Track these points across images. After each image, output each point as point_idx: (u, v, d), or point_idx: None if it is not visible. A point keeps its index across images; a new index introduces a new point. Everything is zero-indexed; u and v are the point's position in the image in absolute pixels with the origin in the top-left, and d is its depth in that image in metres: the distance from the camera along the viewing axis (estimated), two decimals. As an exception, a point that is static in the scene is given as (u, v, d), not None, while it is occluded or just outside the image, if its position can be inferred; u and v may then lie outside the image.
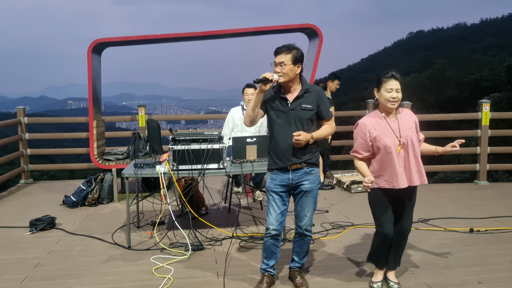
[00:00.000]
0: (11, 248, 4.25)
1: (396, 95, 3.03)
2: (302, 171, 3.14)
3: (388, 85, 3.04)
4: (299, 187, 3.17)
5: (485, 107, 6.88)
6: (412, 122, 3.15)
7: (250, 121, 3.13)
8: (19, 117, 7.19)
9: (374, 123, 3.09)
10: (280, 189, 3.18)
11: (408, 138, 3.05)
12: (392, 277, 3.34)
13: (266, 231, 3.22)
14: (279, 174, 3.16)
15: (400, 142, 3.04)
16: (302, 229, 3.25)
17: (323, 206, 5.61)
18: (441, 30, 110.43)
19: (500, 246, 4.16)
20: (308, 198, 3.19)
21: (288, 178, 3.15)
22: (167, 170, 4.10)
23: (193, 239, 4.32)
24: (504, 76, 18.62)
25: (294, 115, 3.09)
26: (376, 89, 3.12)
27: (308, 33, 6.29)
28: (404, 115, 3.17)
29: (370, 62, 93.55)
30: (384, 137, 3.04)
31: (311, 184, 3.16)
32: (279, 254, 3.34)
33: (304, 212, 3.21)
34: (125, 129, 37.88)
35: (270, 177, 3.21)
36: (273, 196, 3.19)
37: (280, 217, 3.19)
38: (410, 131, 3.08)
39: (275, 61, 3.07)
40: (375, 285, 3.30)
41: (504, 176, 12.07)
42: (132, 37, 6.02)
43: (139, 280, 3.48)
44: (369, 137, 3.08)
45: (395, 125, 3.09)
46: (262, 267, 3.35)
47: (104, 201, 5.87)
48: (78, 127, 40.43)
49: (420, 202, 5.77)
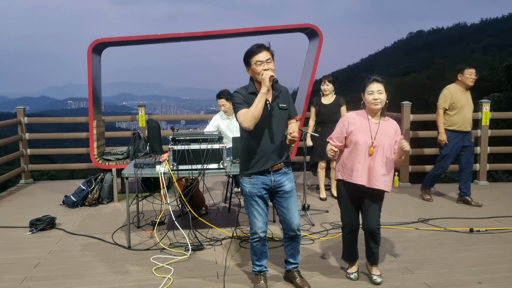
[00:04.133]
0: (11, 248, 4.25)
1: (378, 96, 3.22)
2: (281, 171, 3.16)
3: (369, 88, 3.25)
4: (281, 188, 3.17)
5: (485, 107, 6.88)
6: (392, 131, 3.30)
7: (253, 123, 2.98)
8: (19, 117, 7.19)
9: (355, 119, 3.33)
10: (263, 192, 3.15)
11: (381, 143, 3.22)
12: (374, 271, 3.47)
13: (253, 235, 3.18)
14: (259, 178, 3.12)
15: (372, 144, 3.22)
16: (294, 231, 3.22)
17: (323, 206, 5.61)
18: (441, 30, 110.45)
19: (500, 246, 4.16)
20: (292, 198, 3.20)
21: (270, 180, 3.12)
22: (167, 170, 4.10)
23: (193, 239, 4.32)
24: (504, 76, 18.61)
25: (274, 115, 3.07)
26: (362, 93, 3.33)
27: (308, 33, 6.29)
28: (388, 123, 3.33)
29: (370, 62, 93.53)
30: (358, 132, 3.26)
31: (291, 183, 3.20)
32: (268, 252, 3.35)
33: (292, 213, 3.20)
34: (125, 129, 37.90)
35: (250, 182, 3.13)
36: (256, 201, 3.14)
37: (266, 218, 3.20)
38: (386, 138, 3.25)
39: (260, 59, 2.96)
40: (352, 275, 3.50)
41: (504, 176, 12.07)
42: (132, 37, 6.02)
43: (139, 280, 3.48)
44: (346, 130, 3.31)
45: (374, 127, 3.28)
46: (256, 269, 3.33)
47: (104, 201, 5.87)
48: (78, 127, 40.42)
49: (420, 202, 5.83)
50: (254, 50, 3.00)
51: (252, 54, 3.01)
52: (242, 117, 3.00)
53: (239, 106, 3.06)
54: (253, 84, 3.10)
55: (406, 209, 5.46)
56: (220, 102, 5.45)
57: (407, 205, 5.68)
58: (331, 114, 5.69)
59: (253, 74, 3.07)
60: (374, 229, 3.31)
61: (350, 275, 3.51)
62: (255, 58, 3.00)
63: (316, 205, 5.61)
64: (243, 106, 3.04)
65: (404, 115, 6.64)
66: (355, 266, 3.54)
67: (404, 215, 5.19)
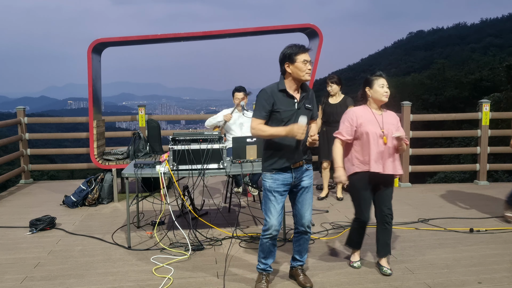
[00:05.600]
0: (11, 248, 4.25)
1: (387, 90, 3.45)
2: (302, 168, 3.22)
3: (379, 81, 3.44)
4: (300, 184, 3.23)
5: (485, 107, 6.88)
6: (395, 120, 3.55)
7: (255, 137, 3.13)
8: (19, 117, 7.20)
9: (362, 112, 3.50)
10: (283, 188, 3.19)
11: (389, 131, 3.43)
12: (384, 263, 3.57)
13: (265, 232, 3.20)
14: (281, 174, 3.16)
15: (383, 133, 3.41)
16: (304, 226, 3.28)
17: (323, 206, 5.61)
18: (441, 30, 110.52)
19: (500, 246, 4.16)
20: (308, 194, 3.27)
21: (291, 176, 3.17)
22: (167, 170, 4.10)
23: (193, 239, 4.32)
24: (504, 76, 18.62)
25: (300, 114, 3.10)
26: (368, 87, 3.48)
27: (308, 33, 6.30)
28: (389, 113, 3.56)
29: (370, 62, 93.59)
30: (368, 124, 3.43)
31: (309, 180, 3.27)
32: (276, 252, 3.36)
33: (305, 209, 3.26)
34: (125, 129, 37.90)
35: (272, 177, 3.17)
36: (275, 197, 3.17)
37: (280, 217, 3.21)
38: (391, 126, 3.48)
39: (307, 59, 3.02)
40: (356, 264, 3.65)
41: (504, 176, 12.08)
42: (132, 37, 6.02)
43: (139, 280, 3.48)
44: (355, 122, 3.45)
45: (380, 118, 3.48)
46: (260, 266, 3.34)
47: (104, 201, 5.87)
48: (78, 127, 40.45)
49: (420, 202, 5.83)
50: (303, 48, 3.05)
51: (299, 52, 3.04)
52: (254, 125, 3.09)
53: (257, 112, 3.10)
54: (283, 82, 3.12)
55: (406, 209, 5.46)
56: (239, 95, 5.59)
57: (407, 205, 5.69)
58: (335, 114, 5.62)
59: (295, 71, 3.06)
60: (389, 217, 3.50)
61: (354, 264, 3.66)
62: (303, 57, 3.03)
63: (316, 205, 5.61)
64: (261, 114, 3.08)
65: (404, 115, 6.63)
66: (358, 255, 3.71)
67: (404, 215, 5.19)
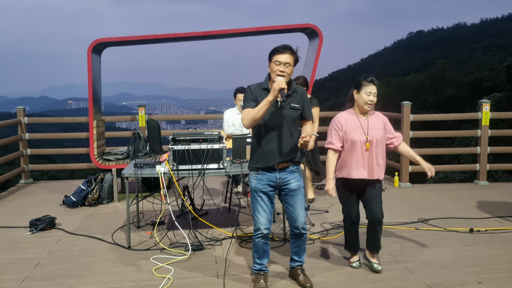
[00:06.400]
0: (11, 248, 4.25)
1: (373, 99, 3.38)
2: (288, 170, 3.20)
3: (368, 88, 3.37)
4: (287, 186, 3.21)
5: (485, 107, 6.88)
6: (380, 123, 3.50)
7: (251, 125, 3.08)
8: (19, 117, 7.20)
9: (346, 119, 3.48)
10: (269, 188, 3.19)
11: (374, 137, 3.42)
12: (374, 260, 3.65)
13: (256, 231, 3.20)
14: (265, 174, 3.16)
15: (367, 139, 3.39)
16: (298, 228, 3.26)
17: (323, 206, 5.61)
18: (441, 30, 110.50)
19: (500, 246, 4.16)
20: (298, 196, 3.24)
21: (276, 177, 3.17)
22: (167, 170, 4.10)
23: (193, 239, 4.32)
24: (504, 76, 18.62)
25: (284, 113, 3.11)
26: (356, 91, 3.44)
27: (308, 33, 6.30)
28: (375, 116, 3.52)
29: (370, 62, 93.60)
30: (353, 131, 3.42)
31: (297, 182, 3.24)
32: (269, 251, 3.36)
33: (297, 211, 3.24)
34: (125, 129, 37.88)
35: (256, 177, 3.18)
36: (261, 197, 3.17)
37: (270, 216, 3.22)
38: (377, 131, 3.45)
39: (279, 60, 3.01)
40: (355, 264, 3.68)
41: (504, 176, 12.07)
42: (132, 37, 6.02)
43: (139, 280, 3.48)
44: (341, 128, 3.45)
45: (364, 123, 3.46)
46: (256, 267, 3.34)
47: (104, 201, 5.87)
48: (78, 127, 40.42)
49: (420, 202, 5.83)
50: (279, 49, 3.05)
51: (275, 52, 3.06)
52: (244, 115, 3.10)
53: (246, 103, 3.14)
54: (268, 81, 3.15)
55: (406, 209, 5.46)
56: (241, 97, 5.58)
57: (407, 205, 5.69)
58: None
59: (270, 71, 3.11)
60: (380, 217, 3.49)
61: (352, 264, 3.69)
62: (276, 57, 3.04)
63: (316, 205, 5.61)
64: (250, 104, 3.11)
65: (404, 115, 6.63)
66: (357, 256, 3.74)
67: (404, 215, 5.19)
